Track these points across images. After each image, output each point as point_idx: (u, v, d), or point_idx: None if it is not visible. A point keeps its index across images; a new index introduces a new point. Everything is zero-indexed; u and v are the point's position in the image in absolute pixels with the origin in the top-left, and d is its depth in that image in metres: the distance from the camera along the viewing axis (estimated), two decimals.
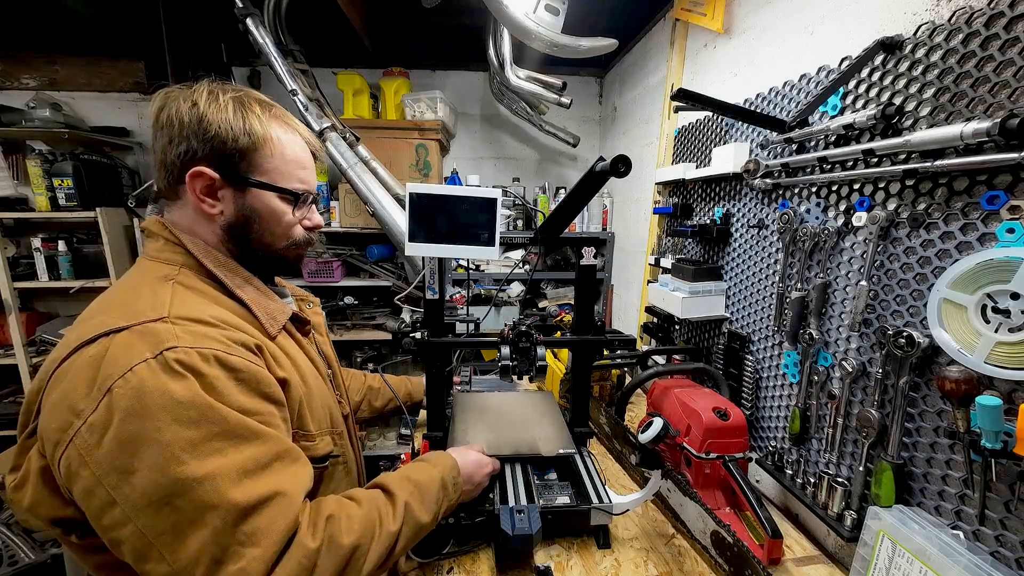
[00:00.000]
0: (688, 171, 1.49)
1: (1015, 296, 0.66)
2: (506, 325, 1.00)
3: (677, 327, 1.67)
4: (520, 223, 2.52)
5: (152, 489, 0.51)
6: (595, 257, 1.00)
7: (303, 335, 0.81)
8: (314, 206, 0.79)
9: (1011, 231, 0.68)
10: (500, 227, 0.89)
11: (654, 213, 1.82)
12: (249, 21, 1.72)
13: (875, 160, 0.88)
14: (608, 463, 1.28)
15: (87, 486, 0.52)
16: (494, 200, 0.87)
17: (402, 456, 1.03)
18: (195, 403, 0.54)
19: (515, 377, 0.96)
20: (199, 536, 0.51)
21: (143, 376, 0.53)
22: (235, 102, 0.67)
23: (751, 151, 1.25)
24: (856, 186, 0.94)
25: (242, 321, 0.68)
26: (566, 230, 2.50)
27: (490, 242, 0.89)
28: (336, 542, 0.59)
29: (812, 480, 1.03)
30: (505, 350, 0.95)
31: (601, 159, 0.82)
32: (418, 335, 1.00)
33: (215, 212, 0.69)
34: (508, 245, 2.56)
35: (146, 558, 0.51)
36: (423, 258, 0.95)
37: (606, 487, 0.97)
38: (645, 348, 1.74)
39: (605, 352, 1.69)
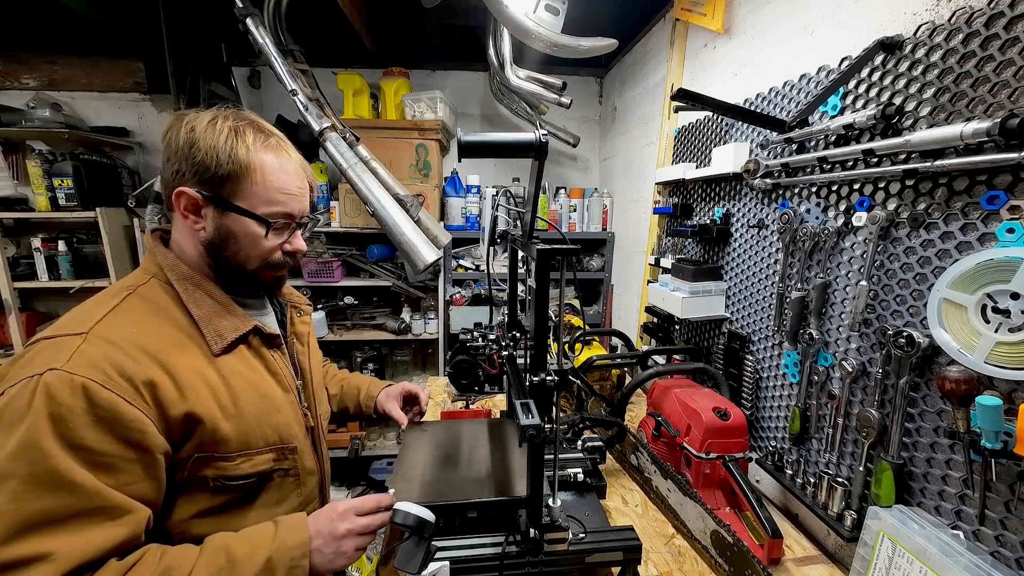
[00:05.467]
0: (688, 171, 1.49)
1: (1015, 296, 0.66)
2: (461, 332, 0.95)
3: (677, 327, 1.67)
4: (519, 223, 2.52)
5: None
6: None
7: (273, 347, 0.82)
8: (299, 231, 0.80)
9: (1011, 231, 0.68)
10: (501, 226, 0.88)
11: (654, 213, 1.82)
12: (249, 21, 1.72)
13: (875, 160, 0.88)
14: (608, 463, 1.28)
15: None
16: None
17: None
18: (23, 437, 0.55)
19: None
20: None
21: (16, 392, 0.58)
22: (230, 130, 0.71)
23: (751, 151, 1.25)
24: (856, 186, 0.94)
25: (184, 338, 0.70)
26: (566, 230, 2.52)
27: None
28: None
29: (812, 480, 1.03)
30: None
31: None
32: None
33: (198, 228, 0.73)
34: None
35: None
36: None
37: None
38: (645, 348, 1.74)
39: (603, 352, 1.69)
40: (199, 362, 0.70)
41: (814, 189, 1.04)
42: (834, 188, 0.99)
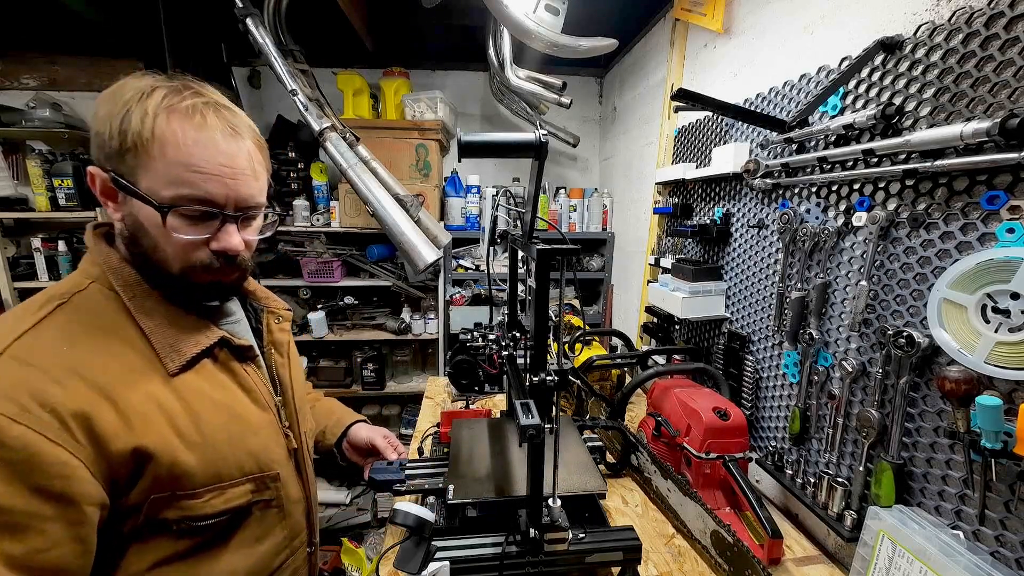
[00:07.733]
0: (688, 171, 1.49)
1: (1015, 296, 0.66)
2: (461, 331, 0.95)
3: (677, 327, 1.67)
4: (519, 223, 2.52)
5: None
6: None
7: (245, 360, 0.70)
8: (232, 225, 0.62)
9: (1011, 231, 0.68)
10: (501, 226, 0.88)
11: (654, 213, 1.82)
12: (249, 21, 1.72)
13: (875, 160, 0.88)
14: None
15: None
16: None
17: None
18: None
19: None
20: None
21: None
22: (136, 92, 0.56)
23: (751, 151, 1.25)
24: (856, 186, 0.94)
25: (133, 356, 0.58)
26: (566, 230, 2.52)
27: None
28: None
29: (812, 480, 1.03)
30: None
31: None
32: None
33: (117, 216, 0.61)
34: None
35: None
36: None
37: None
38: (645, 348, 1.74)
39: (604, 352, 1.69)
40: (151, 384, 0.58)
41: (814, 189, 1.04)
42: (834, 188, 0.99)
